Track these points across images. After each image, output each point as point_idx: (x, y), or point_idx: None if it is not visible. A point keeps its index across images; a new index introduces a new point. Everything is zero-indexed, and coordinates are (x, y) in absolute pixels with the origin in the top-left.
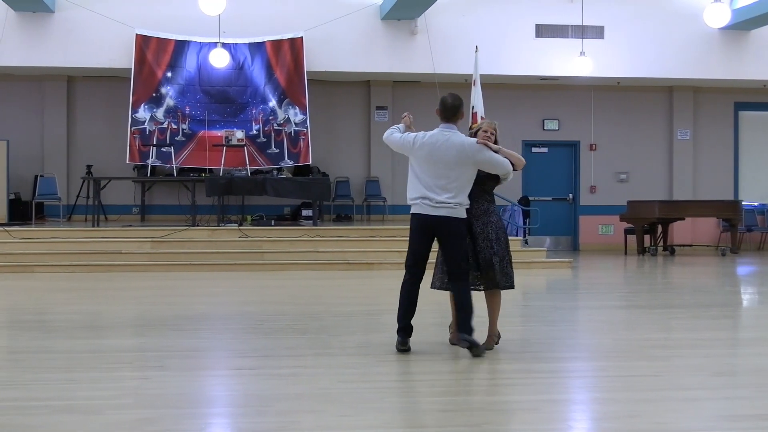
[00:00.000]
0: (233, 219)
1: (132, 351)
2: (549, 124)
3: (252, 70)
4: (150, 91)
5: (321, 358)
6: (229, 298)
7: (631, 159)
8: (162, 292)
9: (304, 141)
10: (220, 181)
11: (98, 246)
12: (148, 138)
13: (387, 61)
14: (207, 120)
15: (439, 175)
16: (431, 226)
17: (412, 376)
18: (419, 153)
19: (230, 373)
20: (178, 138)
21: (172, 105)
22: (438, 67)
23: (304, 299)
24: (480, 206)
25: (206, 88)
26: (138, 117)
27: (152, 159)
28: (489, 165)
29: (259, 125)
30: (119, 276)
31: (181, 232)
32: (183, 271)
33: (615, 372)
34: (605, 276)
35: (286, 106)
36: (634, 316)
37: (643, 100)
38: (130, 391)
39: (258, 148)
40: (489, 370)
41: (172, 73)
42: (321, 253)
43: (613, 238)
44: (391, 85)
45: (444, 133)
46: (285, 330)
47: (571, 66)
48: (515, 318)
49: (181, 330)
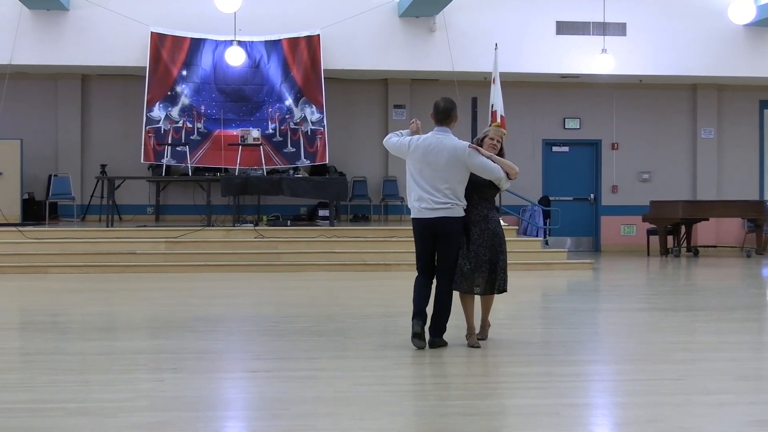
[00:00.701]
0: (249, 219)
1: (146, 353)
2: (570, 122)
3: (268, 68)
4: (165, 89)
5: (337, 361)
6: (245, 300)
7: (653, 158)
8: (176, 293)
9: (320, 140)
10: (236, 181)
11: (112, 246)
12: (163, 137)
13: (405, 59)
14: (222, 119)
15: (434, 176)
16: (431, 228)
17: (429, 379)
18: (414, 155)
19: (246, 375)
20: (194, 137)
21: (188, 104)
22: (457, 65)
23: (321, 301)
24: (479, 212)
25: (222, 86)
26: (153, 116)
27: (167, 158)
28: (480, 170)
29: (275, 124)
30: (133, 277)
31: (196, 233)
32: (198, 272)
33: (637, 376)
34: (627, 278)
35: (303, 105)
36: (656, 318)
37: (666, 99)
38: (144, 394)
39: (274, 147)
40: (508, 373)
41: (187, 71)
42: (338, 254)
43: (635, 239)
44: (409, 84)
45: (437, 136)
46: (301, 332)
47: (592, 64)
48: (535, 320)
49: (196, 332)
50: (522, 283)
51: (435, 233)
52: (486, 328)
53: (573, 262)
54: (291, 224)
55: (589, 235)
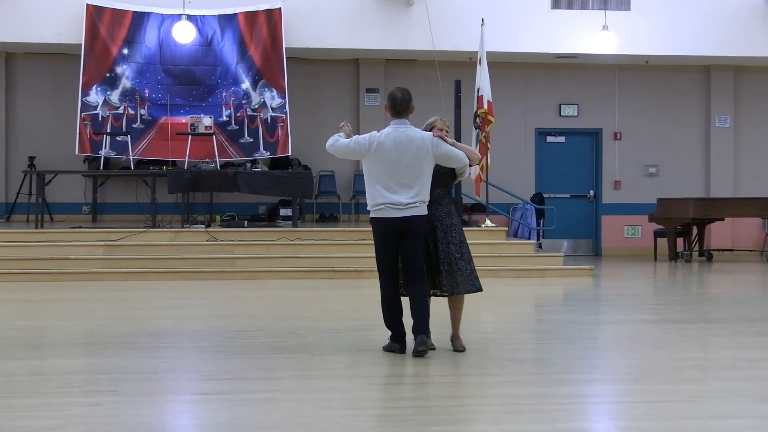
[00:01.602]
0: (200, 219)
1: (81, 373)
2: (566, 109)
3: (222, 46)
4: (103, 70)
5: (302, 381)
6: (195, 312)
7: (661, 150)
8: (117, 304)
9: (282, 129)
10: (185, 176)
11: (42, 251)
12: (101, 125)
13: (379, 36)
14: (170, 104)
15: (401, 173)
16: (397, 228)
17: (406, 402)
18: (378, 153)
19: (196, 398)
20: (136, 125)
21: (129, 87)
22: (438, 44)
23: (283, 312)
24: (443, 208)
25: (169, 67)
26: (89, 101)
27: (106, 150)
28: (447, 158)
29: (231, 110)
30: (67, 286)
31: (139, 235)
32: (141, 280)
33: (642, 397)
34: (632, 285)
35: (262, 89)
36: (665, 332)
37: (676, 82)
38: (78, 420)
39: (229, 137)
40: (496, 395)
41: (129, 49)
42: (302, 259)
43: (640, 242)
44: (383, 64)
45: (399, 129)
46: (260, 348)
47: (592, 42)
48: (527, 334)
49: (138, 348)
50: (512, 292)
51: (401, 234)
52: (460, 338)
53: (570, 268)
54: (248, 225)
55: (588, 237)
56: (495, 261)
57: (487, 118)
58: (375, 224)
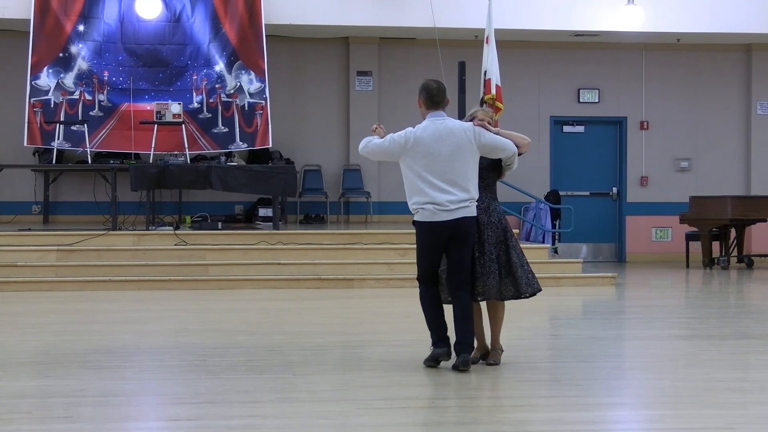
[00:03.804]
0: (167, 221)
1: (32, 397)
2: (586, 94)
3: (192, 22)
4: (56, 50)
5: (284, 405)
6: (162, 326)
7: (694, 141)
8: (72, 317)
9: (262, 117)
10: (150, 171)
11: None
12: (54, 113)
13: (372, 11)
14: (132, 89)
15: (444, 169)
16: (446, 232)
17: (402, 428)
18: (416, 150)
19: (164, 425)
20: (94, 113)
21: (86, 69)
22: (439, 20)
23: (262, 327)
24: (482, 204)
25: (131, 46)
26: (39, 85)
27: (59, 141)
28: (493, 148)
29: (202, 96)
30: (14, 296)
31: (98, 239)
32: (100, 289)
33: (674, 424)
34: (660, 296)
35: (238, 71)
36: (699, 349)
37: (712, 63)
38: None
39: (200, 127)
40: (507, 420)
41: (85, 26)
42: (283, 265)
43: (670, 246)
44: (377, 44)
45: (437, 121)
46: (236, 368)
47: (615, 18)
48: (541, 352)
49: (97, 368)
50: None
51: (451, 238)
52: (498, 351)
53: (590, 276)
54: (222, 227)
55: (610, 240)
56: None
57: (496, 105)
58: (421, 229)
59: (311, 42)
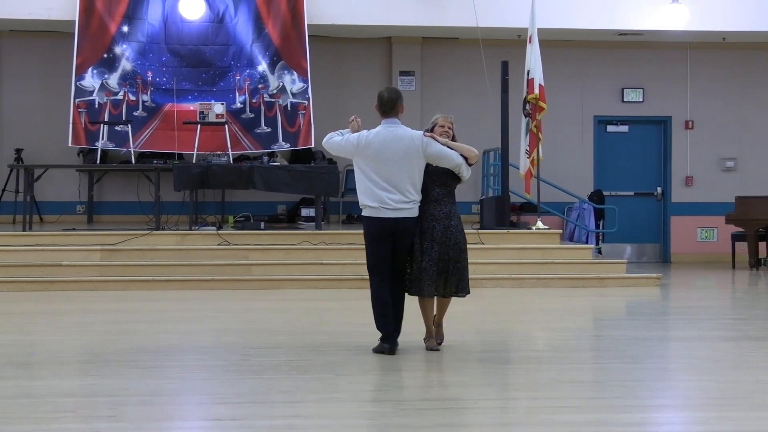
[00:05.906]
0: (210, 221)
1: (76, 396)
2: (630, 94)
3: (235, 23)
4: (100, 51)
5: (327, 406)
6: (205, 326)
7: (740, 140)
8: (115, 317)
9: (304, 117)
10: (193, 171)
11: (30, 256)
12: (98, 113)
13: (415, 11)
14: (176, 89)
15: (390, 173)
16: (391, 228)
17: (443, 429)
18: (366, 152)
19: (207, 425)
20: (138, 113)
21: (130, 69)
22: (482, 20)
23: (305, 327)
24: (443, 209)
25: (174, 47)
26: (84, 85)
27: (103, 141)
28: (439, 158)
29: (245, 96)
30: (59, 296)
31: (141, 239)
32: (143, 289)
33: (719, 426)
34: (706, 297)
35: (281, 71)
36: (745, 351)
37: (758, 62)
38: None
39: (243, 127)
40: (550, 422)
41: (129, 27)
42: (326, 265)
43: (716, 246)
44: (419, 43)
45: (389, 128)
46: (279, 367)
47: (659, 16)
48: (584, 353)
49: (141, 367)
50: (567, 304)
51: (394, 234)
52: (441, 331)
53: (634, 277)
54: (265, 227)
55: (655, 241)
56: (547, 268)
57: (539, 105)
58: (369, 223)
59: (354, 42)
